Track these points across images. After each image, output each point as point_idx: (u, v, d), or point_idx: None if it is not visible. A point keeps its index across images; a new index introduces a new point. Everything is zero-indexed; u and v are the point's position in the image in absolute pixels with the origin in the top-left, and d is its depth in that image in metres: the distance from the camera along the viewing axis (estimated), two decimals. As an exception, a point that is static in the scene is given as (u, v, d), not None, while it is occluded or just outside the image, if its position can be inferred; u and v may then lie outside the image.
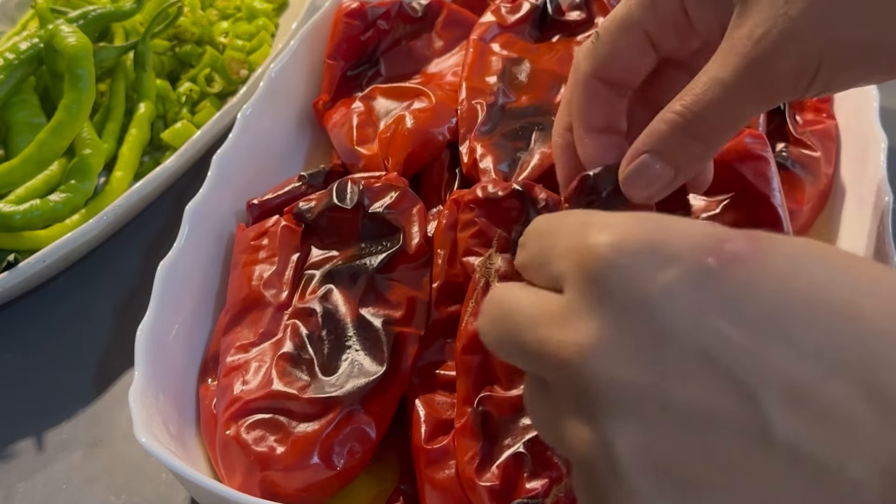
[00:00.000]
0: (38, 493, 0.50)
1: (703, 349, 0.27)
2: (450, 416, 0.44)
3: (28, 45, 0.67)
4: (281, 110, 0.63)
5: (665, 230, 0.29)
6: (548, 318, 0.30)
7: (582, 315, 0.29)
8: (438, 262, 0.49)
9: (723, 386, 0.27)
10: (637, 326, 0.28)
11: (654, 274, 0.28)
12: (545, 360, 0.30)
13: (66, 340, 0.59)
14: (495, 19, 0.63)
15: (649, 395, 0.27)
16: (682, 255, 0.28)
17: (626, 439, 0.27)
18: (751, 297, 0.27)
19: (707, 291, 0.27)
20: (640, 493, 0.27)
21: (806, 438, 0.26)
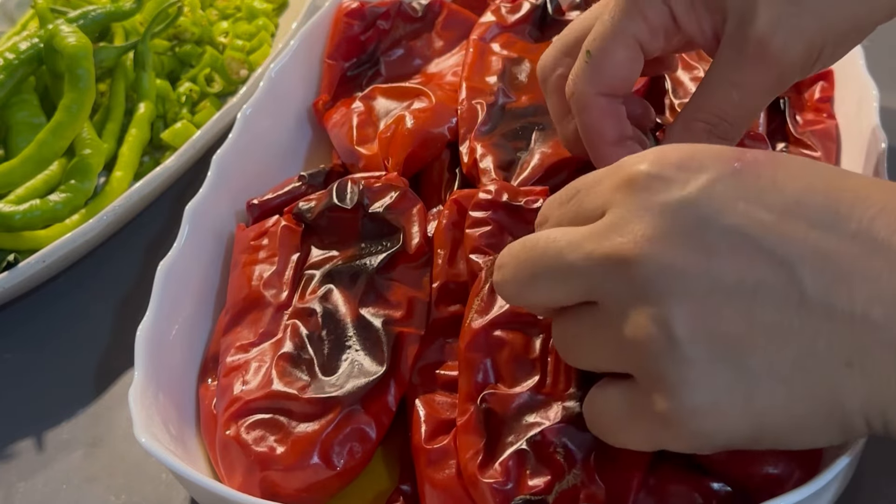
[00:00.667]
0: (38, 493, 0.50)
1: (740, 231, 0.32)
2: (450, 416, 0.44)
3: (28, 45, 0.67)
4: (281, 110, 0.63)
5: (693, 149, 0.34)
6: (593, 234, 0.34)
7: (630, 221, 0.33)
8: (438, 262, 0.49)
9: (760, 259, 0.31)
10: (682, 221, 0.32)
11: (692, 178, 0.33)
12: (597, 266, 0.33)
13: (66, 340, 0.59)
14: (495, 19, 0.63)
15: (698, 274, 0.31)
16: (712, 163, 0.33)
17: (681, 315, 0.31)
18: (775, 188, 0.33)
19: (737, 187, 0.33)
20: (696, 361, 0.31)
21: (834, 293, 0.31)
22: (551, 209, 0.38)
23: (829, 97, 0.59)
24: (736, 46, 0.42)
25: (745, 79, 0.42)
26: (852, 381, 0.31)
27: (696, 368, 0.31)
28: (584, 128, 0.46)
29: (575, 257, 0.34)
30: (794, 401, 0.32)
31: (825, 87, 0.59)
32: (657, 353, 0.32)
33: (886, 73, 0.58)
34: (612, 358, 0.34)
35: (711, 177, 0.33)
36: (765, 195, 0.32)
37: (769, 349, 0.31)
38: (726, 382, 0.32)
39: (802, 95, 0.60)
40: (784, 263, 0.31)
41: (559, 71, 0.48)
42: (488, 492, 0.39)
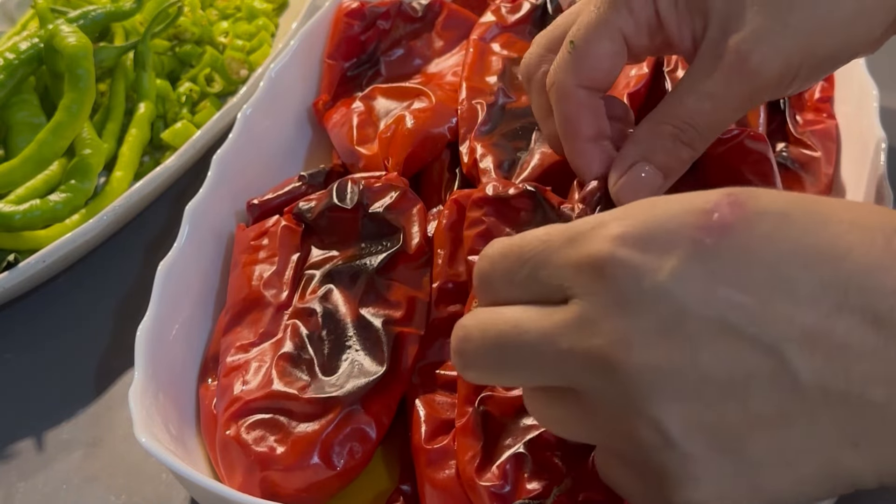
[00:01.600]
0: (38, 493, 0.50)
1: (721, 319, 0.29)
2: (450, 417, 0.44)
3: (28, 45, 0.67)
4: (281, 110, 0.63)
5: (655, 217, 0.31)
6: (565, 328, 0.31)
7: (603, 317, 0.31)
8: (438, 262, 0.49)
9: (747, 348, 0.29)
10: (659, 314, 0.30)
11: (659, 263, 0.30)
12: (576, 368, 0.31)
13: (66, 340, 0.59)
14: (495, 19, 0.63)
15: (685, 372, 0.29)
16: (678, 240, 0.30)
17: (674, 416, 0.30)
18: (749, 263, 0.30)
19: (711, 267, 0.30)
20: (694, 456, 0.30)
21: (829, 375, 0.29)
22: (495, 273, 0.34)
23: (829, 97, 0.59)
24: (714, 55, 0.41)
25: (719, 90, 0.41)
26: (861, 459, 0.30)
27: (699, 464, 0.30)
28: (562, 119, 0.45)
29: (550, 353, 0.32)
30: (802, 482, 0.31)
31: (825, 87, 0.59)
32: (656, 451, 0.31)
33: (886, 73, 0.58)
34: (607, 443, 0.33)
35: (682, 257, 0.30)
36: (741, 273, 0.30)
37: (769, 437, 0.30)
38: (730, 473, 0.30)
39: (802, 95, 0.60)
40: (772, 350, 0.29)
41: (543, 68, 0.47)
42: (486, 495, 0.39)
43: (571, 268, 0.32)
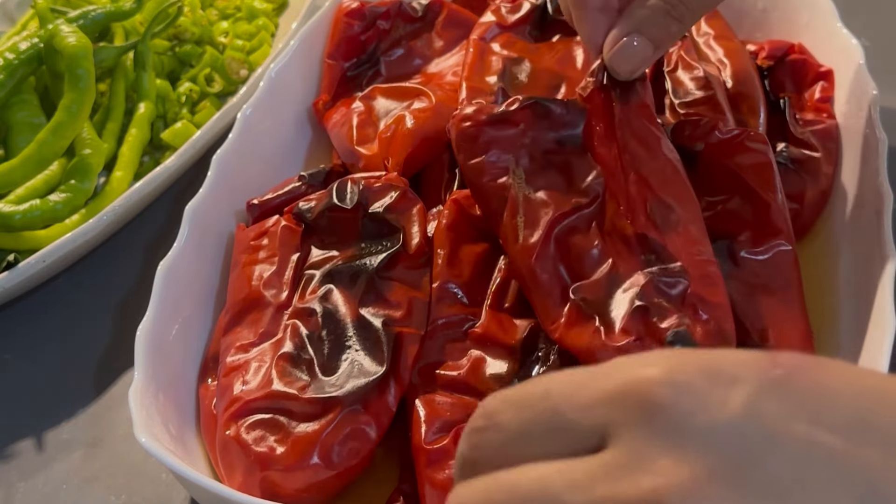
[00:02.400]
0: (38, 493, 0.50)
1: (809, 461, 0.24)
2: (450, 417, 0.44)
3: (28, 45, 0.67)
4: (281, 110, 0.63)
5: (712, 355, 0.26)
6: (605, 474, 0.24)
7: (652, 457, 0.24)
8: (438, 262, 0.49)
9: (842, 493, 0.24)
10: (729, 450, 0.24)
11: (728, 393, 0.25)
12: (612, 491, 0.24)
13: (66, 340, 0.59)
14: (495, 19, 0.63)
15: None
16: (746, 372, 0.25)
17: None
18: (829, 401, 0.25)
19: (786, 402, 0.25)
20: None
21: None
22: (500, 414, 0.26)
23: (829, 97, 0.59)
24: None
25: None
26: None
27: None
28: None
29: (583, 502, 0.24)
30: None
31: (825, 87, 0.59)
32: None
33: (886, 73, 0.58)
34: None
35: (752, 389, 0.25)
36: (822, 411, 0.25)
37: None
38: None
39: (802, 95, 0.60)
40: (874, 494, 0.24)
41: None
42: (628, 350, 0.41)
43: (607, 401, 0.25)
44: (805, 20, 0.63)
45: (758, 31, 0.66)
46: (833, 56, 0.59)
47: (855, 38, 0.58)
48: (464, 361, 0.46)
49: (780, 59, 0.60)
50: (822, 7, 0.61)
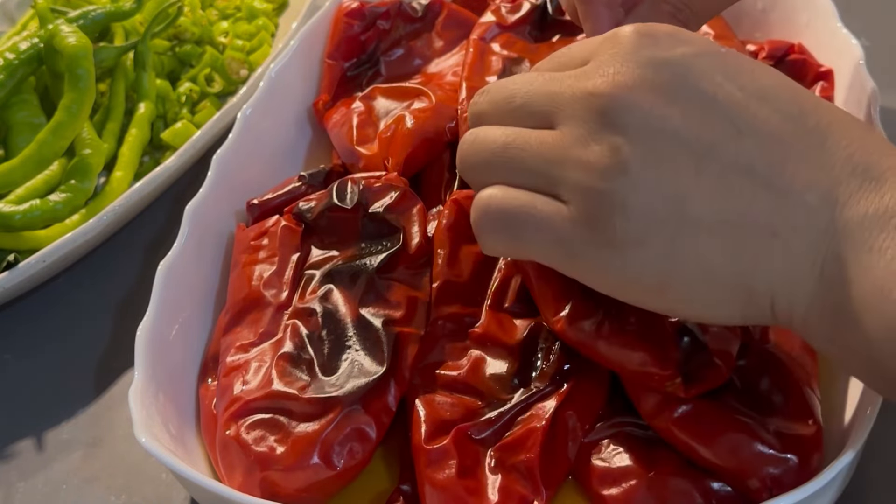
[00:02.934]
0: (38, 493, 0.50)
1: (711, 96, 0.35)
2: (450, 417, 0.44)
3: (28, 45, 0.67)
4: (281, 110, 0.63)
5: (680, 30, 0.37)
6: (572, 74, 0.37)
7: (612, 64, 0.36)
8: (438, 262, 0.49)
9: (721, 124, 0.34)
10: (660, 75, 0.35)
11: (678, 45, 0.36)
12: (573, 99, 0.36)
13: (66, 340, 0.59)
14: (495, 19, 0.63)
15: (662, 120, 0.34)
16: (699, 41, 0.36)
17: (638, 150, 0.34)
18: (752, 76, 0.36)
19: (718, 64, 0.36)
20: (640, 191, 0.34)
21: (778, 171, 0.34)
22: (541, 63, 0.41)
23: (829, 97, 0.59)
24: None
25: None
26: (772, 252, 0.34)
27: (640, 197, 0.34)
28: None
29: (552, 87, 0.37)
30: (712, 252, 0.34)
31: (825, 87, 0.59)
32: (607, 177, 0.34)
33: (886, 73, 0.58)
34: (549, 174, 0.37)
35: (697, 49, 0.36)
36: (741, 77, 0.35)
37: (707, 200, 0.34)
38: (661, 219, 0.34)
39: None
40: (741, 134, 0.34)
41: None
42: None
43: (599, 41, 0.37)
44: (805, 20, 0.63)
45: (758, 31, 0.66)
46: (833, 56, 0.59)
47: (855, 38, 0.58)
48: (464, 361, 0.46)
49: (779, 59, 0.60)
50: (822, 7, 0.61)
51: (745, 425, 0.40)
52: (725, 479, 0.40)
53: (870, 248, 0.32)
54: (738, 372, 0.43)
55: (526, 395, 0.44)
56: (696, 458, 0.41)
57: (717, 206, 0.34)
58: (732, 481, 0.40)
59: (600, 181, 0.34)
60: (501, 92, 0.40)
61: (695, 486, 0.41)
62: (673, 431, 0.41)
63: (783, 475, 0.39)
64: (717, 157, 0.34)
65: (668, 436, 0.42)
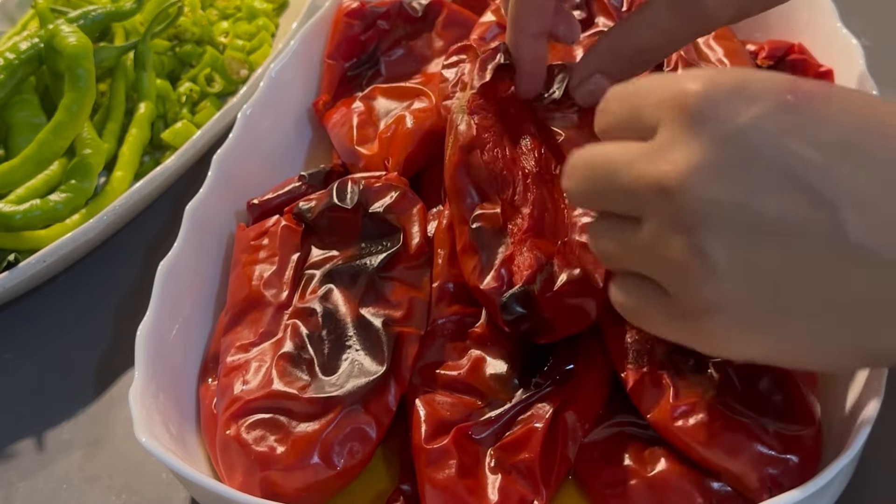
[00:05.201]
0: (38, 493, 0.50)
1: (786, 168, 0.32)
2: (450, 417, 0.44)
3: (28, 45, 0.67)
4: (281, 110, 0.63)
5: (748, 74, 0.34)
6: (644, 155, 0.34)
7: (678, 146, 0.33)
8: (438, 262, 0.49)
9: (803, 198, 0.31)
10: (729, 152, 0.32)
11: (744, 108, 0.33)
12: (644, 189, 0.34)
13: (66, 340, 0.59)
14: (495, 19, 0.63)
15: (740, 208, 0.32)
16: (765, 94, 0.33)
17: (720, 247, 0.32)
18: (828, 124, 0.32)
19: (789, 122, 0.32)
20: (731, 290, 0.32)
21: (877, 239, 0.31)
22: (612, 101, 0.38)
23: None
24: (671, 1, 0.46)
25: (675, 28, 0.45)
26: (884, 321, 0.32)
27: (732, 296, 0.32)
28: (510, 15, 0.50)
29: (626, 179, 0.35)
30: (819, 332, 0.33)
31: (825, 87, 0.59)
32: (694, 279, 0.33)
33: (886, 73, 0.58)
34: (649, 270, 0.35)
35: (764, 109, 0.33)
36: (818, 132, 0.32)
37: (803, 287, 0.32)
38: (755, 311, 0.33)
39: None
40: (828, 204, 0.31)
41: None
42: (491, 297, 0.45)
43: (662, 103, 0.35)
44: (805, 20, 0.63)
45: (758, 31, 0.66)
46: (833, 56, 0.59)
47: (855, 38, 0.58)
48: (464, 361, 0.46)
49: (779, 59, 0.60)
50: (822, 7, 0.61)
51: (745, 426, 0.40)
52: (725, 479, 0.40)
53: None
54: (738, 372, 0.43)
55: (526, 395, 0.44)
56: (696, 458, 0.41)
57: (813, 288, 0.32)
58: (732, 481, 0.40)
59: (689, 286, 0.33)
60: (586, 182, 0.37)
61: (695, 486, 0.41)
62: (673, 431, 0.41)
63: (783, 475, 0.39)
64: (804, 237, 0.32)
65: (668, 436, 0.42)
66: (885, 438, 0.42)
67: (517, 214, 0.47)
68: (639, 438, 0.43)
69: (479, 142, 0.49)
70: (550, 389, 0.44)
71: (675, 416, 0.41)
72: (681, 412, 0.41)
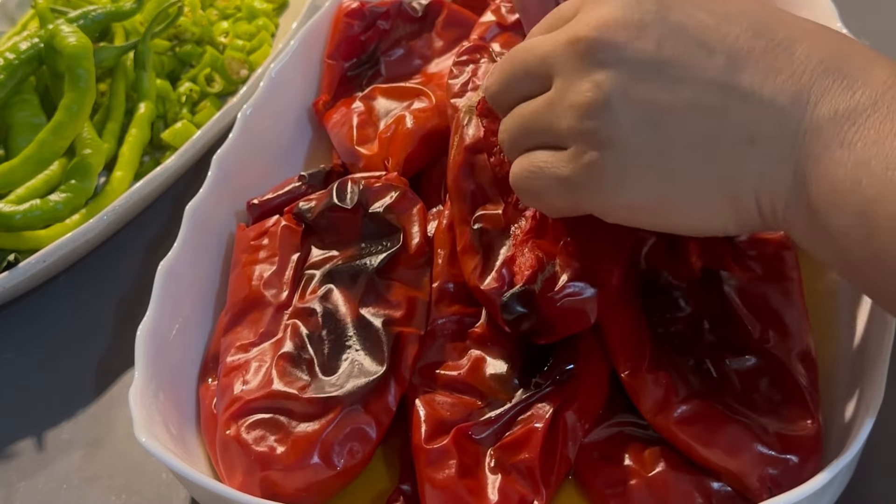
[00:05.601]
0: (38, 493, 0.50)
1: (682, 25, 0.38)
2: (450, 417, 0.44)
3: (28, 45, 0.67)
4: (281, 110, 0.63)
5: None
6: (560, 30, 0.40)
7: (591, 10, 0.38)
8: (438, 262, 0.49)
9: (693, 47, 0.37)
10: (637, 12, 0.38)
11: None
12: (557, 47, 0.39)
13: (66, 340, 0.59)
14: (495, 19, 0.62)
15: (638, 51, 0.37)
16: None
17: (618, 83, 0.37)
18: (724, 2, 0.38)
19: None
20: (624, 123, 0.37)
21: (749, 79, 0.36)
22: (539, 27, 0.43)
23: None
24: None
25: None
26: (751, 157, 0.36)
27: (624, 129, 0.37)
28: None
29: (543, 48, 0.40)
30: (696, 168, 0.37)
31: (825, 87, 0.59)
32: (591, 112, 0.37)
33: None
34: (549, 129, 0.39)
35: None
36: (712, 4, 0.38)
37: (685, 119, 0.37)
38: (645, 144, 0.37)
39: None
40: (712, 52, 0.37)
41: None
42: (491, 297, 0.45)
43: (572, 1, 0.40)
44: (805, 20, 0.63)
45: (758, 31, 0.66)
46: (833, 56, 0.59)
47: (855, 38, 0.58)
48: (464, 361, 0.46)
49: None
50: (822, 7, 0.61)
51: (745, 425, 0.40)
52: (725, 479, 0.40)
53: (840, 143, 0.34)
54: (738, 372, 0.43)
55: (526, 395, 0.44)
56: (696, 458, 0.41)
57: (695, 123, 0.37)
58: (732, 481, 0.40)
59: (587, 120, 0.37)
60: (504, 70, 0.42)
61: (695, 486, 0.41)
62: (673, 431, 0.41)
63: (783, 475, 0.39)
64: (690, 78, 0.37)
65: (669, 436, 0.42)
66: (885, 438, 0.42)
67: (520, 217, 0.47)
68: (639, 438, 0.43)
69: (485, 145, 0.49)
70: (550, 389, 0.44)
71: (675, 416, 0.41)
72: (681, 412, 0.41)
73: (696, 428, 0.41)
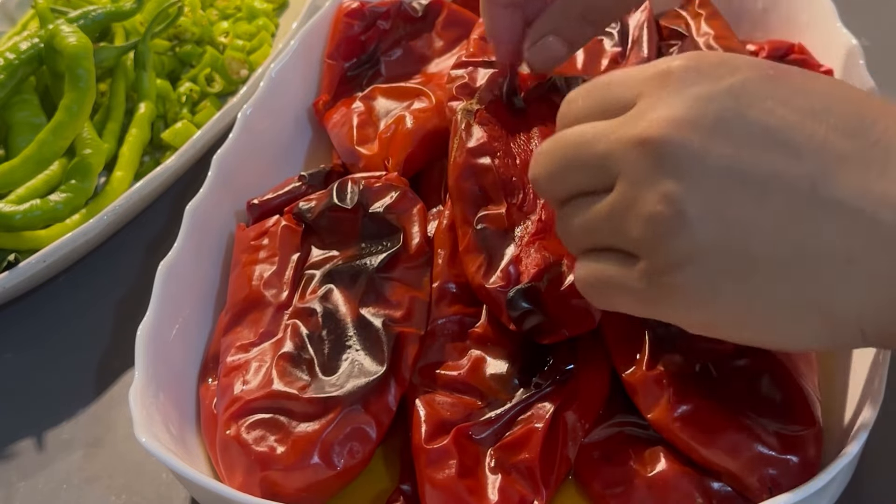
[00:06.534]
0: (38, 493, 0.50)
1: (763, 124, 0.33)
2: (450, 417, 0.44)
3: (28, 45, 0.67)
4: (281, 110, 0.63)
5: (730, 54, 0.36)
6: (622, 123, 0.35)
7: (660, 106, 0.34)
8: (438, 262, 0.49)
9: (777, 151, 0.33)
10: (709, 111, 0.33)
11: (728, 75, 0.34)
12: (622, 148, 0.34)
13: (66, 340, 0.59)
14: (495, 19, 0.62)
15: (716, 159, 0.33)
16: (748, 66, 0.35)
17: (695, 196, 0.32)
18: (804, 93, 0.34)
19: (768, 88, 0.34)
20: (703, 241, 0.33)
21: (845, 190, 0.32)
22: (576, 99, 0.38)
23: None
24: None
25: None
26: (850, 278, 0.32)
27: (703, 245, 0.33)
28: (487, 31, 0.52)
29: (603, 145, 0.35)
30: (786, 287, 0.33)
31: (825, 87, 0.59)
32: (666, 228, 0.33)
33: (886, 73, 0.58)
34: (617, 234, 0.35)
35: (745, 77, 0.34)
36: (794, 98, 0.34)
37: (773, 234, 0.32)
38: (728, 263, 0.33)
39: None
40: (800, 156, 0.32)
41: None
42: (496, 296, 0.45)
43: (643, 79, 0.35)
44: (805, 20, 0.63)
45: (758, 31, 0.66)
46: (833, 56, 0.59)
47: (855, 38, 0.58)
48: (464, 361, 0.46)
49: (780, 59, 0.60)
50: (822, 7, 0.61)
51: (745, 425, 0.40)
52: (725, 479, 0.40)
53: None
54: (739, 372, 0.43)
55: (526, 394, 0.44)
56: (696, 458, 0.41)
57: (784, 238, 0.32)
58: (732, 481, 0.40)
59: (660, 236, 0.33)
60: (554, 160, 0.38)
61: (695, 486, 0.41)
62: (673, 431, 0.41)
63: (783, 475, 0.39)
64: (775, 189, 0.32)
65: (669, 436, 0.42)
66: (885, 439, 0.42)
67: (525, 219, 0.47)
68: (639, 438, 0.43)
69: (489, 148, 0.49)
70: (550, 389, 0.44)
71: (675, 416, 0.41)
72: (681, 412, 0.41)
73: (696, 428, 0.41)
